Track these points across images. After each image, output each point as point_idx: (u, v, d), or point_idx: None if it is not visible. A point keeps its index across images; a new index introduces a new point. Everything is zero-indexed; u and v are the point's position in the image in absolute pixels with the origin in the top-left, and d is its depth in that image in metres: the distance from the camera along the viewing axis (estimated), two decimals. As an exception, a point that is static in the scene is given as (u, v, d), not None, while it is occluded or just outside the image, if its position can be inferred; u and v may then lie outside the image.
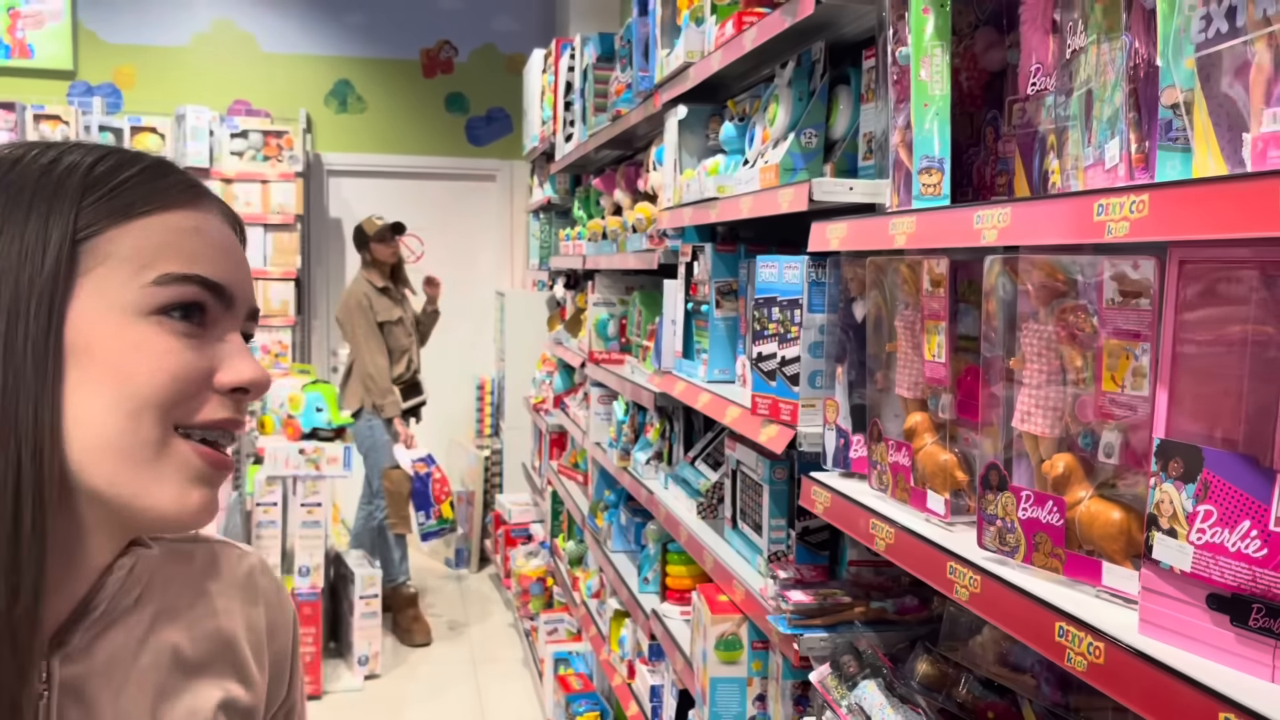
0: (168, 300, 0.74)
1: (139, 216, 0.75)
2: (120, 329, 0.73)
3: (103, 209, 0.74)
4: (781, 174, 2.04)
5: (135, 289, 0.73)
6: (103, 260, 0.73)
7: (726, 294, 2.57)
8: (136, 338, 0.73)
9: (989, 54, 1.65)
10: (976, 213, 1.27)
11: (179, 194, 0.77)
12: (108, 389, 0.72)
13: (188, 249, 0.76)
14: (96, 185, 0.74)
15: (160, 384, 0.73)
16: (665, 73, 2.76)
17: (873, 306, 1.68)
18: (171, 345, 0.74)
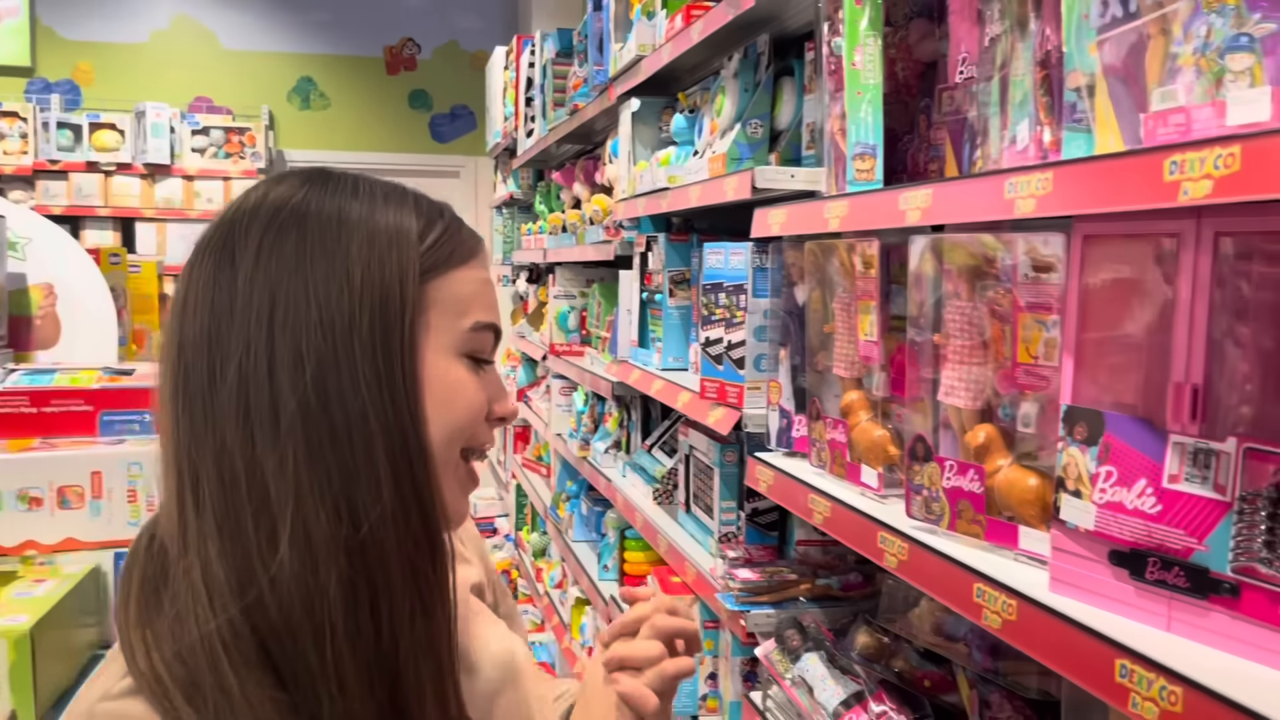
0: (477, 345, 0.89)
1: (455, 268, 0.88)
2: (446, 366, 0.86)
3: (429, 258, 0.86)
4: (728, 163, 2.08)
5: (456, 332, 0.87)
6: (431, 304, 0.86)
7: (680, 283, 2.61)
8: (456, 375, 0.87)
9: (922, 44, 1.71)
10: (901, 195, 1.32)
11: (474, 246, 0.91)
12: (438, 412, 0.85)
13: (487, 299, 0.90)
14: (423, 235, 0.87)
15: (467, 417, 0.87)
16: (619, 66, 2.80)
17: (813, 290, 1.72)
18: (475, 384, 0.88)
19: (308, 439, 0.76)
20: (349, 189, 0.86)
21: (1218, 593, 0.91)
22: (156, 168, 6.62)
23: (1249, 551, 0.88)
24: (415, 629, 0.81)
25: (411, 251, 0.85)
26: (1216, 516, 0.91)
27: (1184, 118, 0.90)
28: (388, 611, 0.78)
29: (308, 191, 0.84)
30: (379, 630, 0.78)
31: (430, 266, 0.86)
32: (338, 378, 0.78)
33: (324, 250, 0.80)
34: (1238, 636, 0.89)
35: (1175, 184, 0.86)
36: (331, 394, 0.77)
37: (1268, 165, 0.77)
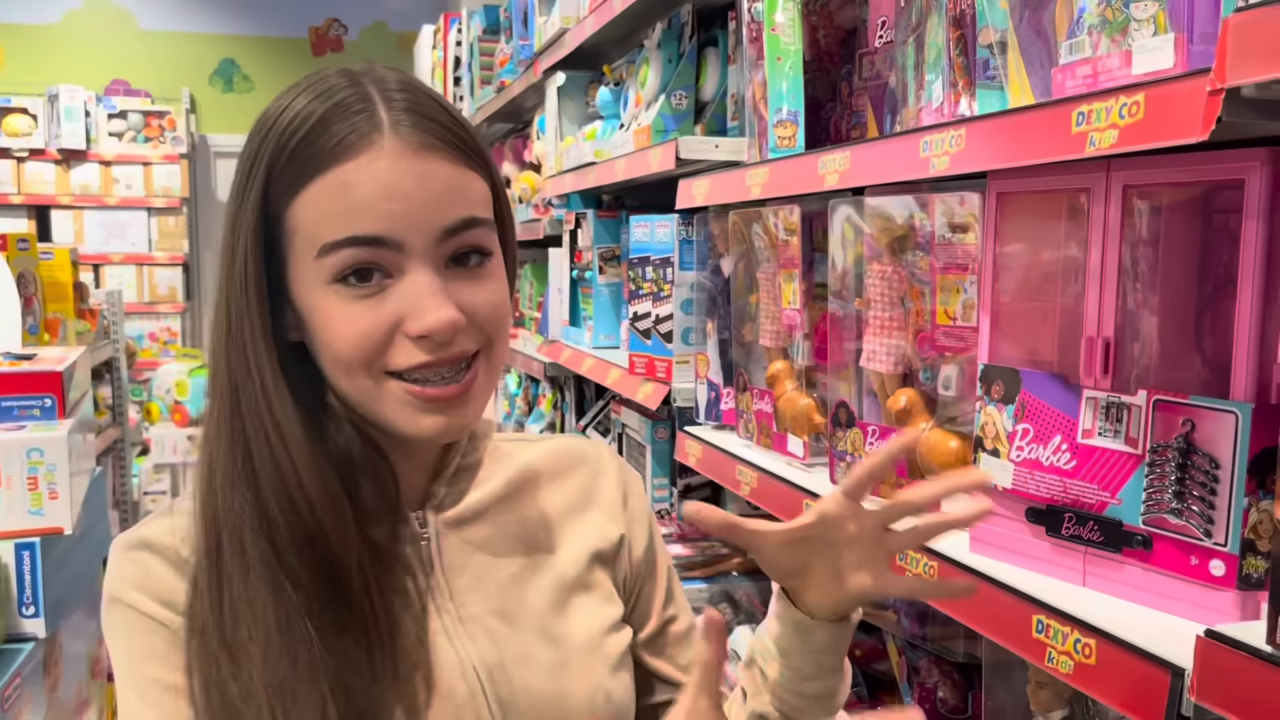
0: (335, 270, 0.77)
1: (302, 189, 0.77)
2: (313, 300, 0.79)
3: (282, 185, 0.78)
4: (654, 135, 2.05)
5: (311, 264, 0.78)
6: (293, 237, 0.79)
7: (609, 260, 2.58)
8: (324, 307, 0.78)
9: (843, 11, 1.69)
10: (820, 158, 1.30)
11: (336, 150, 0.77)
12: (321, 350, 0.80)
13: (339, 211, 0.76)
14: (280, 158, 0.78)
15: (348, 348, 0.78)
16: (544, 40, 2.76)
17: (738, 260, 1.71)
18: (350, 312, 0.78)
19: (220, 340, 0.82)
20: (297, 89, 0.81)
21: (1130, 546, 0.91)
22: (71, 153, 6.40)
23: (1160, 503, 0.88)
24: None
25: (256, 185, 0.79)
26: (1129, 470, 0.91)
27: (1091, 69, 0.89)
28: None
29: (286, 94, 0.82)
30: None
31: (282, 193, 0.78)
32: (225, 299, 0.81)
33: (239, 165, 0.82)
34: (1150, 588, 0.90)
35: (1083, 135, 0.85)
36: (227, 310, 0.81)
37: (1170, 113, 0.77)
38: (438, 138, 0.79)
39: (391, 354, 0.78)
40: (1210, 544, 0.85)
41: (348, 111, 0.77)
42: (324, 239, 0.77)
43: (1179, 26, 0.81)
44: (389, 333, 0.78)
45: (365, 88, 0.79)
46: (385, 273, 0.77)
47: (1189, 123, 0.75)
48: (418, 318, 0.77)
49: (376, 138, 0.77)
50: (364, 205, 0.76)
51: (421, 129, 0.78)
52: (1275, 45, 0.68)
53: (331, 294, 0.78)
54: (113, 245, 6.48)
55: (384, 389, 0.79)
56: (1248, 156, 0.81)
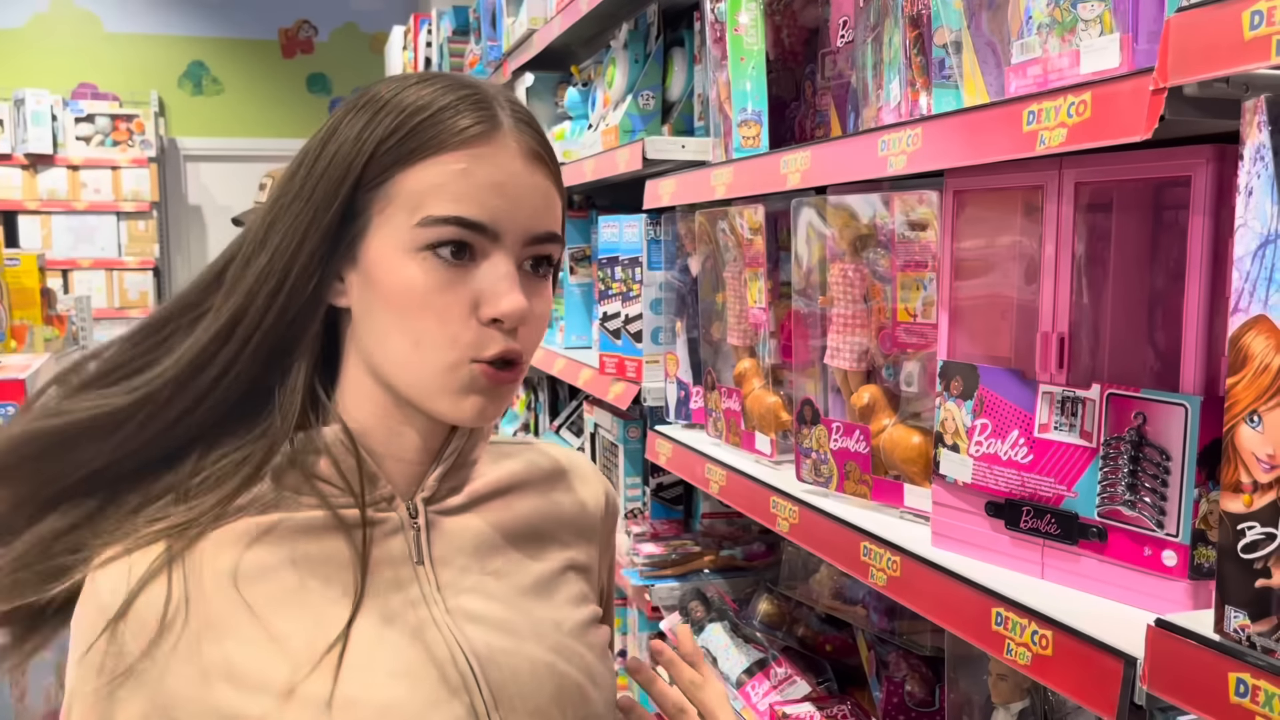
0: (430, 240, 0.80)
1: (418, 161, 0.81)
2: (395, 265, 0.81)
3: (391, 155, 0.81)
4: (621, 135, 2.06)
5: (407, 230, 0.81)
6: (390, 201, 0.81)
7: (580, 260, 2.59)
8: (410, 272, 0.81)
9: (806, 11, 1.71)
10: (782, 158, 1.31)
11: (460, 136, 0.81)
12: (396, 321, 0.82)
13: (452, 191, 0.81)
14: (399, 129, 0.82)
15: (424, 317, 0.81)
16: (512, 41, 2.76)
17: (705, 259, 1.72)
18: (430, 282, 0.80)
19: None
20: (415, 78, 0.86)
21: (1086, 538, 0.92)
22: (38, 158, 6.33)
23: (1114, 496, 0.90)
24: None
25: (367, 146, 0.81)
26: (1084, 463, 0.92)
27: (1041, 68, 0.90)
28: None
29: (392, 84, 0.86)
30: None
31: (393, 161, 0.81)
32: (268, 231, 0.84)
33: (334, 124, 0.85)
34: (1105, 579, 0.91)
35: (1034, 133, 0.86)
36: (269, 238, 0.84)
37: (1116, 111, 0.78)
38: (545, 150, 0.86)
39: (472, 340, 0.82)
40: (1162, 535, 0.86)
41: (475, 104, 0.83)
42: (431, 211, 0.80)
43: (1124, 27, 0.82)
44: (467, 312, 0.81)
45: (484, 90, 0.85)
46: (473, 257, 0.82)
47: (1134, 121, 0.76)
48: (494, 301, 0.81)
49: (500, 135, 0.82)
50: (478, 192, 0.81)
51: (534, 139, 0.85)
52: (1215, 45, 0.69)
53: (418, 260, 0.81)
54: (81, 250, 6.41)
55: (460, 371, 0.82)
56: (1194, 154, 0.83)
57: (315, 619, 0.81)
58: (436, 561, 0.88)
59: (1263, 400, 0.67)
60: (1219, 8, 0.68)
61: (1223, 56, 0.68)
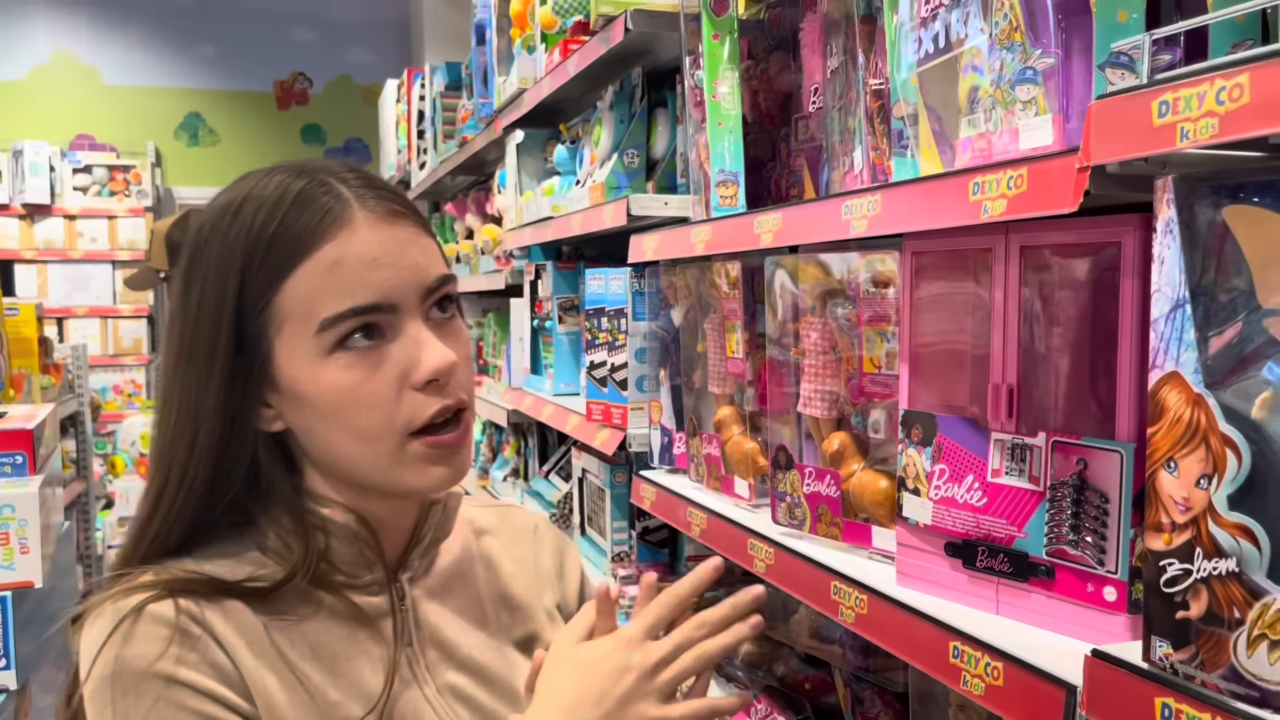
0: (336, 339, 0.82)
1: (288, 275, 0.82)
2: (314, 375, 0.83)
3: (259, 282, 0.82)
4: (607, 192, 2.15)
5: (309, 339, 0.82)
6: (282, 319, 0.83)
7: (569, 309, 2.66)
8: (330, 380, 0.82)
9: (781, 76, 1.80)
10: (756, 219, 1.40)
11: (317, 233, 0.82)
12: (334, 424, 0.84)
13: (334, 287, 0.82)
14: (256, 250, 0.82)
15: (366, 415, 0.83)
16: (503, 99, 2.86)
17: (687, 311, 1.79)
18: (356, 377, 0.82)
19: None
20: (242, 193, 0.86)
21: (1036, 575, 0.99)
22: (36, 208, 6.42)
23: (1059, 536, 0.96)
24: None
25: (231, 281, 0.83)
26: (1032, 505, 0.99)
27: (986, 143, 0.99)
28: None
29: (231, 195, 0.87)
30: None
31: (265, 283, 0.82)
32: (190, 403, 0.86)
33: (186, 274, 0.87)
34: (1053, 614, 0.98)
35: (978, 203, 0.94)
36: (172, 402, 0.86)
37: (1048, 185, 0.86)
38: (399, 205, 0.87)
39: (409, 411, 0.83)
40: (1103, 572, 0.93)
41: (315, 195, 0.84)
42: (323, 314, 0.82)
43: (1056, 108, 0.90)
44: (398, 387, 0.83)
45: (317, 174, 0.86)
46: (382, 334, 0.83)
47: (1064, 195, 0.84)
48: (423, 364, 0.83)
49: (350, 214, 0.83)
50: (358, 277, 0.82)
51: (383, 199, 0.86)
52: (1130, 129, 0.77)
53: (333, 361, 0.82)
54: (76, 298, 6.49)
55: (405, 450, 0.84)
56: (1123, 222, 0.91)
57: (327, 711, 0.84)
58: (425, 643, 0.91)
59: (1178, 448, 0.75)
60: (1132, 97, 0.77)
61: (1136, 141, 0.76)
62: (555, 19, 2.37)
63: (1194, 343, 0.73)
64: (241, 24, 7.09)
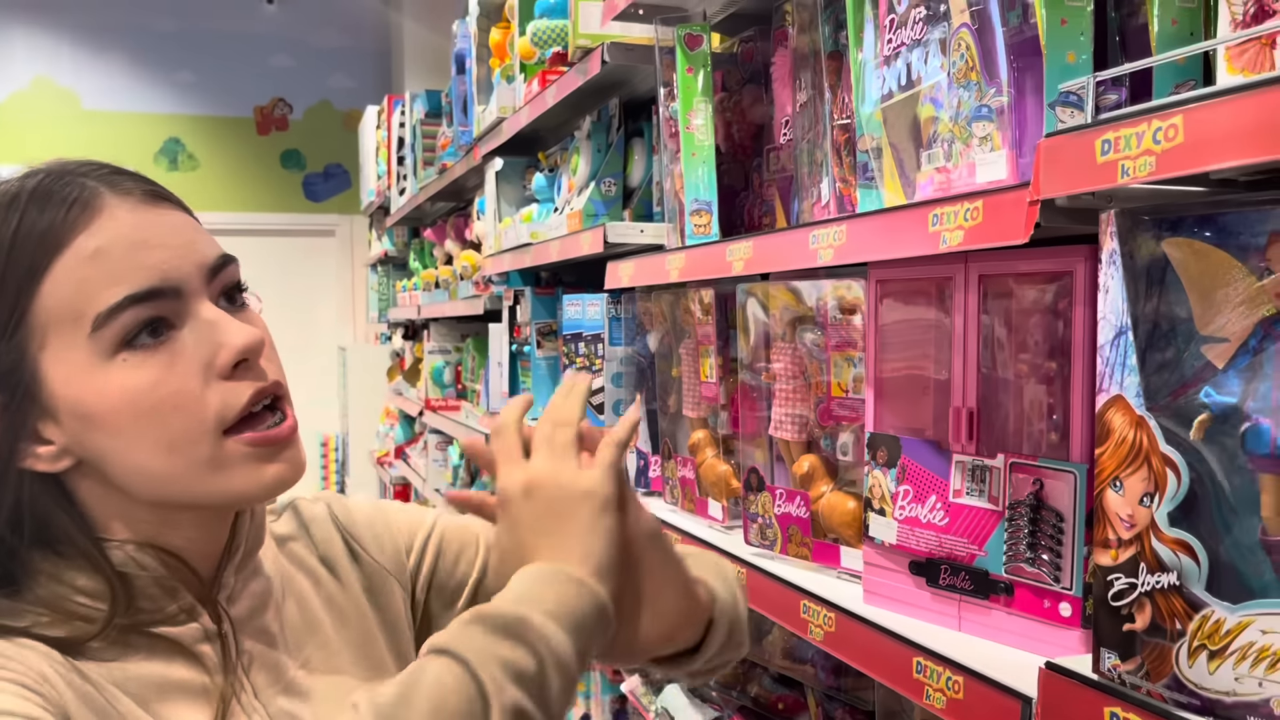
0: (119, 336, 0.71)
1: (42, 277, 0.70)
2: (98, 385, 0.70)
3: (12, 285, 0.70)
4: (584, 219, 2.18)
5: (85, 344, 0.70)
6: (42, 331, 0.71)
7: (547, 334, 2.69)
8: (117, 384, 0.70)
9: (754, 108, 1.85)
10: (728, 247, 1.44)
11: (65, 226, 0.71)
12: (134, 439, 0.71)
13: (102, 277, 0.70)
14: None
15: (170, 417, 0.71)
16: (482, 127, 2.90)
17: (662, 336, 1.83)
18: (149, 375, 0.71)
19: None
20: None
21: (996, 592, 1.02)
22: (13, 231, 6.40)
23: (1017, 554, 1.00)
24: None
25: None
26: (992, 525, 1.03)
27: (945, 177, 1.03)
28: None
29: None
30: None
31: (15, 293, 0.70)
32: None
33: None
34: (1013, 629, 1.01)
35: (937, 234, 0.98)
36: None
37: (1003, 217, 0.90)
38: (157, 186, 0.78)
39: (219, 404, 0.73)
40: (1059, 588, 0.96)
41: (54, 188, 0.73)
42: (96, 309, 0.70)
43: (1010, 144, 0.95)
44: (202, 378, 0.72)
45: (52, 172, 0.75)
46: (170, 325, 0.73)
47: (1016, 227, 0.89)
48: (226, 345, 0.73)
49: (102, 199, 0.73)
50: (127, 261, 0.71)
51: (139, 183, 0.76)
52: (1076, 165, 0.82)
53: (119, 365, 0.71)
54: (52, 322, 6.45)
55: (224, 452, 0.74)
56: (1075, 252, 0.95)
57: None
58: (249, 667, 0.80)
59: (1123, 468, 0.79)
60: (1077, 135, 0.81)
61: (1082, 177, 0.81)
62: (534, 50, 2.41)
63: (1136, 367, 0.77)
64: (222, 50, 7.12)
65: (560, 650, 0.69)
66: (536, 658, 0.68)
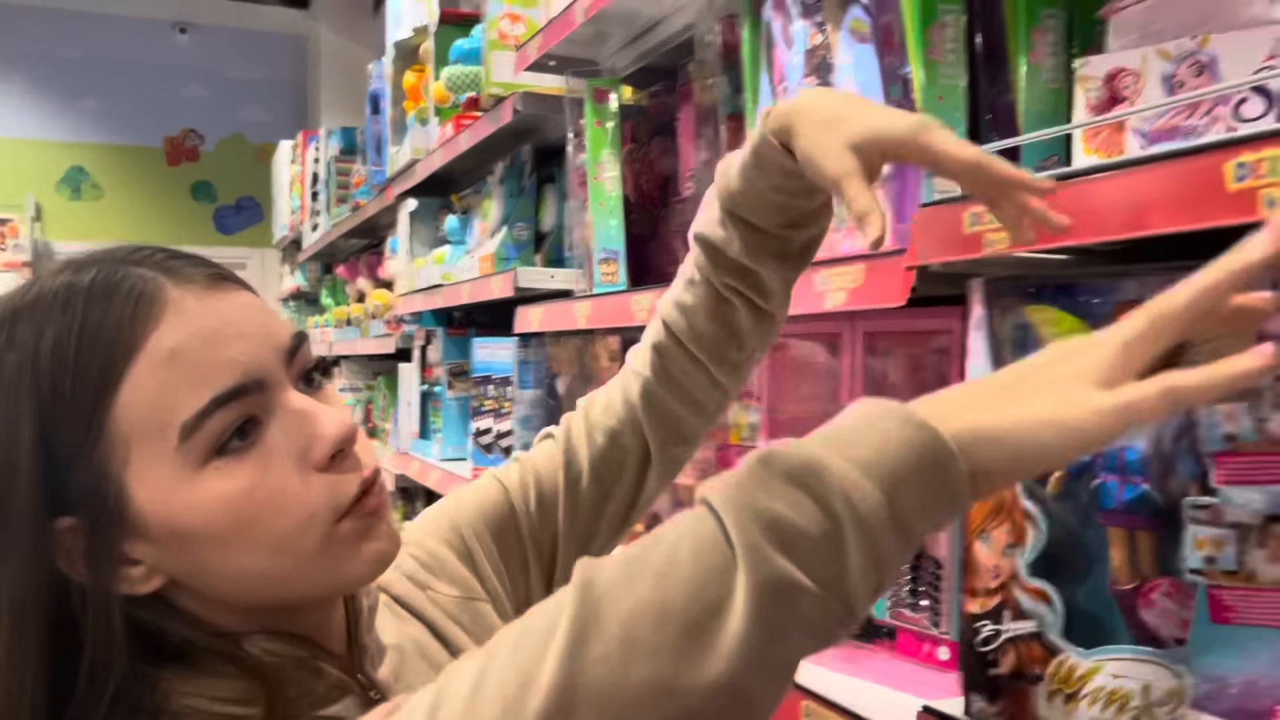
0: (208, 445, 0.64)
1: (116, 388, 0.62)
2: (191, 498, 0.64)
3: (80, 400, 0.62)
4: (496, 263, 2.21)
5: (172, 456, 0.63)
6: (125, 445, 0.63)
7: (458, 375, 2.70)
8: (212, 496, 0.64)
9: (662, 160, 1.90)
10: (633, 298, 1.47)
11: (135, 321, 0.63)
12: (237, 547, 0.65)
13: (183, 382, 0.63)
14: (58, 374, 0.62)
15: (278, 518, 0.65)
16: (396, 168, 2.90)
17: (571, 380, 1.86)
18: (244, 480, 0.64)
19: None
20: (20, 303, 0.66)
21: (880, 637, 1.07)
22: (-98, 260, 6.16)
23: (900, 600, 1.05)
24: None
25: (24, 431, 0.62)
26: (877, 571, 1.07)
27: (831, 239, 1.08)
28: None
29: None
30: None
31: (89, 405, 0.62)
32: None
33: None
34: (896, 673, 1.05)
35: (823, 293, 1.03)
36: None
37: (882, 280, 0.95)
38: (216, 269, 0.70)
39: (326, 497, 0.66)
40: (938, 633, 1.01)
41: (114, 283, 0.65)
42: (181, 418, 0.63)
43: (892, 212, 1.00)
44: (300, 475, 0.66)
45: (104, 262, 0.67)
46: (258, 422, 0.66)
47: (895, 290, 0.94)
48: (320, 437, 0.66)
49: (165, 293, 0.65)
50: (205, 359, 0.64)
51: (198, 267, 0.68)
52: (946, 235, 0.87)
53: (211, 473, 0.64)
54: (-58, 355, 6.20)
55: (337, 536, 0.67)
56: (950, 314, 1.01)
57: None
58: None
59: (989, 520, 0.84)
60: (947, 208, 0.87)
61: (951, 246, 0.86)
62: (448, 94, 2.44)
63: (1000, 427, 0.82)
64: (131, 79, 6.99)
65: (868, 513, 0.50)
66: (827, 518, 0.50)
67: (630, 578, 0.50)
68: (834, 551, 0.50)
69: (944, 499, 0.52)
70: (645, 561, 0.51)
